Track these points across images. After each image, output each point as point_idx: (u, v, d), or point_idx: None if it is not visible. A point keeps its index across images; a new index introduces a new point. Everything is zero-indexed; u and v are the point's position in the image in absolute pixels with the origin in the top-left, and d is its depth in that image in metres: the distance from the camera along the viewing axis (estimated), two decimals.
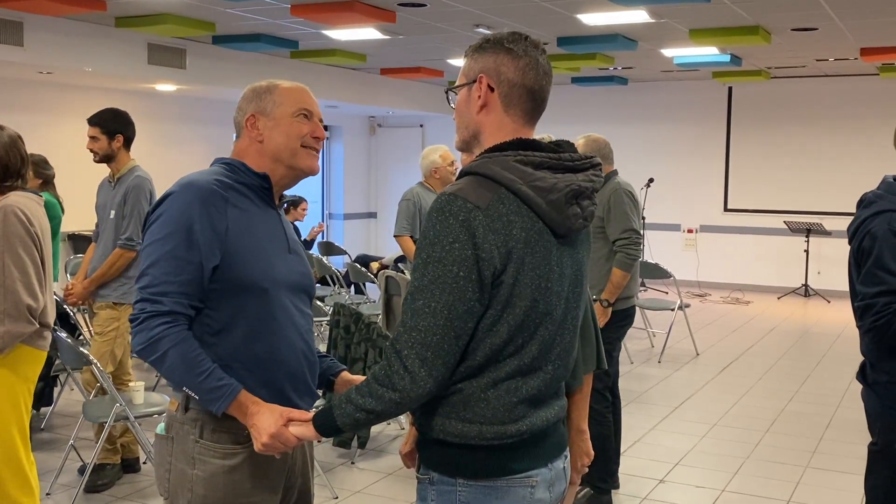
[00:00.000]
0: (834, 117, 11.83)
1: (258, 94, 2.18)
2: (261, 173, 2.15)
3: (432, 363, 1.70)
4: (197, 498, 2.06)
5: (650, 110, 12.91)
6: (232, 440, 2.06)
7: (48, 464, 4.72)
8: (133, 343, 2.02)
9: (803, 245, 11.70)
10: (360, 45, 9.48)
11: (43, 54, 7.78)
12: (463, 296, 1.69)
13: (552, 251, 1.77)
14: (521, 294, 1.73)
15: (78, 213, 7.70)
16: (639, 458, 5.16)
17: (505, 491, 1.79)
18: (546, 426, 1.85)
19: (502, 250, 1.70)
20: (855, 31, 8.36)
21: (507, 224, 1.71)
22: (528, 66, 1.81)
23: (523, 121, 1.84)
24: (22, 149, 3.28)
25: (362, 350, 4.89)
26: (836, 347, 8.44)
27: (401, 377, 1.71)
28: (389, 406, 1.74)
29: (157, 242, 2.02)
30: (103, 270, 4.45)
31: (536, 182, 1.74)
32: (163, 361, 1.98)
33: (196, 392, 1.98)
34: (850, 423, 5.82)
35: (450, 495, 1.80)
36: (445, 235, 1.69)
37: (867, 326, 2.55)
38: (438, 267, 1.69)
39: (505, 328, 1.74)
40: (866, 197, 2.68)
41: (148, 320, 1.98)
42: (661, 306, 8.33)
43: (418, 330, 1.70)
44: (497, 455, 1.78)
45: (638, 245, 4.38)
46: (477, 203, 1.70)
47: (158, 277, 2.00)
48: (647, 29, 8.32)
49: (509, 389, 1.77)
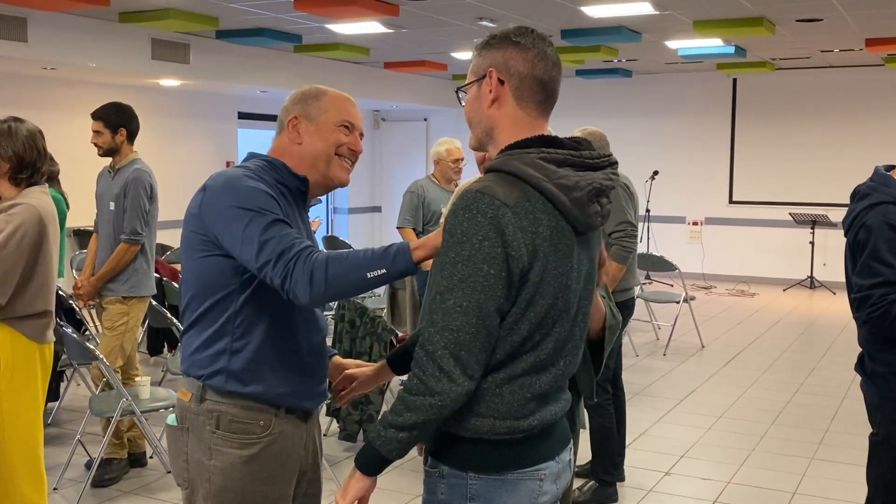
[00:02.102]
0: (839, 108, 11.79)
1: (306, 98, 2.20)
2: (300, 175, 2.16)
3: (467, 362, 1.69)
4: (215, 488, 2.09)
5: (654, 102, 12.88)
6: (248, 430, 2.08)
7: (55, 459, 4.73)
8: (304, 292, 1.91)
9: (808, 237, 11.69)
10: (364, 38, 9.48)
11: (46, 50, 7.79)
12: (493, 294, 1.68)
13: (573, 249, 1.77)
14: (545, 292, 1.73)
15: (83, 208, 7.71)
16: (644, 450, 5.16)
17: (515, 484, 1.79)
18: (554, 420, 1.86)
19: (530, 248, 1.69)
20: (860, 22, 8.33)
21: (534, 222, 1.70)
22: (536, 58, 1.80)
23: (536, 113, 1.83)
24: (40, 143, 3.30)
25: (367, 344, 4.90)
26: (841, 339, 8.43)
27: (437, 379, 1.69)
28: (431, 412, 1.70)
29: (253, 221, 1.98)
30: (111, 266, 4.46)
31: (561, 180, 1.73)
32: (329, 281, 1.89)
33: (380, 267, 1.88)
34: (856, 414, 5.82)
35: (460, 489, 1.80)
36: (475, 233, 1.67)
37: (864, 318, 2.56)
38: (468, 265, 1.68)
39: (526, 326, 1.74)
40: (860, 189, 2.68)
41: (292, 263, 1.92)
42: (667, 299, 8.32)
43: (450, 330, 1.68)
44: (508, 449, 1.79)
45: (633, 237, 4.38)
46: (505, 200, 1.68)
47: (269, 233, 1.96)
48: (651, 21, 8.29)
49: (524, 385, 1.77)
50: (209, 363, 2.08)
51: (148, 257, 4.59)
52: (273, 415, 2.11)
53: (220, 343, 2.07)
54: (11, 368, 3.18)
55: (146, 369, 6.21)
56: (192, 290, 2.11)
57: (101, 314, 4.64)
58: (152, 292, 4.68)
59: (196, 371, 2.11)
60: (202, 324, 2.09)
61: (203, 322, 2.09)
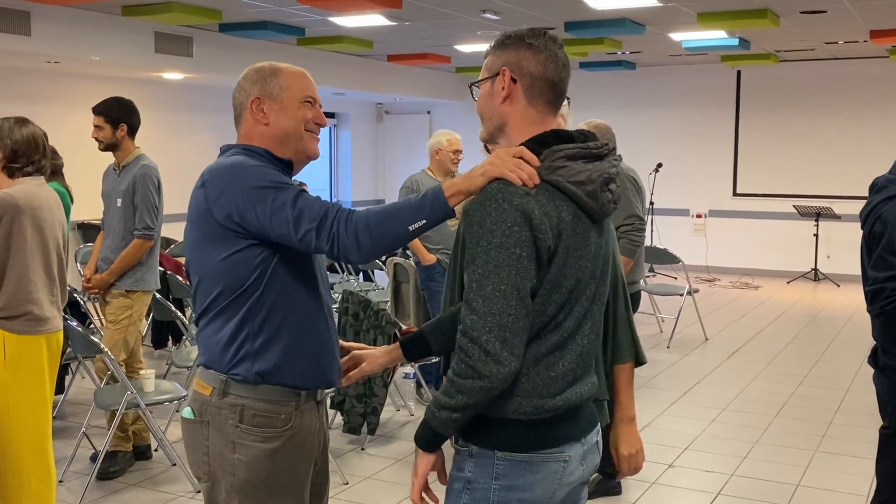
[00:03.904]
0: (843, 100, 11.76)
1: (263, 77, 2.20)
2: (285, 159, 2.19)
3: (512, 342, 1.76)
4: (239, 481, 2.11)
5: (658, 95, 12.85)
6: (270, 424, 2.11)
7: (60, 451, 4.74)
8: (345, 249, 1.97)
9: (813, 229, 11.66)
10: (367, 31, 9.46)
11: (50, 43, 7.79)
12: (528, 275, 1.77)
13: (590, 233, 1.88)
14: (568, 274, 1.83)
15: (87, 202, 7.73)
16: (648, 443, 5.15)
17: (539, 465, 1.86)
18: (580, 401, 1.92)
19: (555, 231, 1.79)
20: (864, 14, 8.30)
21: (556, 207, 1.80)
22: (548, 60, 1.90)
23: (546, 111, 1.93)
24: (41, 141, 3.33)
25: (371, 337, 4.91)
26: (845, 332, 8.42)
27: (484, 363, 1.76)
28: (481, 394, 1.78)
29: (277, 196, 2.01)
30: (125, 262, 4.49)
31: (575, 176, 1.83)
32: (375, 237, 1.95)
33: (420, 218, 1.93)
34: (860, 407, 5.82)
35: (487, 468, 1.86)
36: (503, 220, 1.77)
37: (877, 311, 2.54)
38: (501, 251, 1.76)
39: (553, 307, 1.83)
40: (878, 182, 2.67)
41: (335, 228, 1.97)
42: (670, 291, 8.32)
43: (493, 314, 1.76)
44: (534, 429, 1.85)
45: (641, 231, 4.38)
46: (528, 190, 1.79)
47: (300, 203, 2.00)
48: (655, 13, 8.27)
49: (548, 364, 1.85)
50: (233, 355, 2.10)
51: (154, 252, 4.60)
52: (293, 406, 2.14)
53: (243, 334, 2.09)
54: (17, 361, 3.19)
55: (150, 362, 6.22)
56: (217, 287, 2.10)
57: (105, 308, 4.66)
58: (156, 287, 4.69)
59: (218, 364, 2.12)
60: (223, 317, 2.11)
61: (226, 314, 2.10)
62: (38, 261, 3.24)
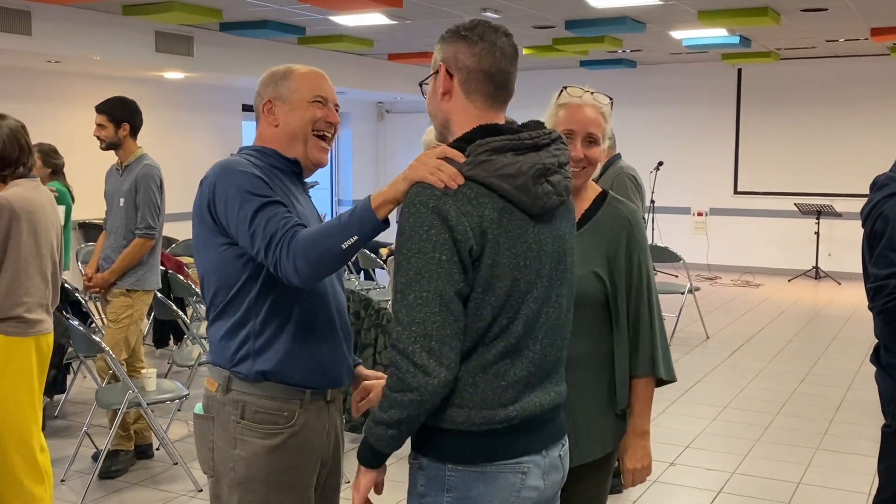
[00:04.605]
0: (844, 98, 11.75)
1: (275, 80, 2.22)
2: (292, 158, 2.20)
3: (439, 352, 1.70)
4: (239, 477, 2.12)
5: (659, 93, 12.85)
6: (272, 420, 2.11)
7: (62, 451, 4.76)
8: (289, 269, 1.95)
9: (814, 227, 11.66)
10: (368, 30, 9.46)
11: (51, 43, 7.79)
12: (450, 278, 1.70)
13: (528, 229, 1.78)
14: (501, 274, 1.74)
15: (88, 201, 7.74)
16: None
17: (494, 477, 1.78)
18: (539, 412, 1.83)
19: (476, 231, 1.71)
20: (865, 11, 8.30)
21: (478, 206, 1.72)
22: (483, 51, 1.81)
23: (486, 105, 1.84)
24: (23, 138, 3.30)
25: (372, 336, 4.91)
26: (846, 329, 8.42)
27: (413, 375, 1.70)
28: (412, 408, 1.72)
29: (243, 206, 2.02)
30: (127, 261, 4.49)
31: (500, 171, 1.74)
32: (311, 261, 1.91)
33: (350, 235, 1.89)
34: (861, 404, 5.82)
35: (438, 480, 1.80)
36: (420, 225, 1.70)
37: (879, 308, 2.54)
38: (421, 257, 1.70)
39: (488, 310, 1.74)
40: (879, 179, 2.67)
41: (278, 250, 1.96)
42: (671, 290, 8.32)
43: (417, 323, 1.70)
44: (486, 440, 1.77)
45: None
46: (446, 191, 1.71)
47: (258, 219, 2.00)
48: (655, 11, 8.27)
49: (498, 373, 1.77)
50: (235, 351, 2.11)
51: (155, 251, 4.61)
52: (298, 404, 2.14)
53: (245, 330, 2.10)
54: (5, 362, 3.19)
55: (152, 362, 6.23)
56: (213, 285, 2.14)
57: (106, 307, 4.66)
58: (157, 286, 4.70)
59: (222, 360, 2.14)
60: (226, 314, 2.13)
61: (227, 313, 2.13)
62: (33, 264, 3.23)
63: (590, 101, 2.30)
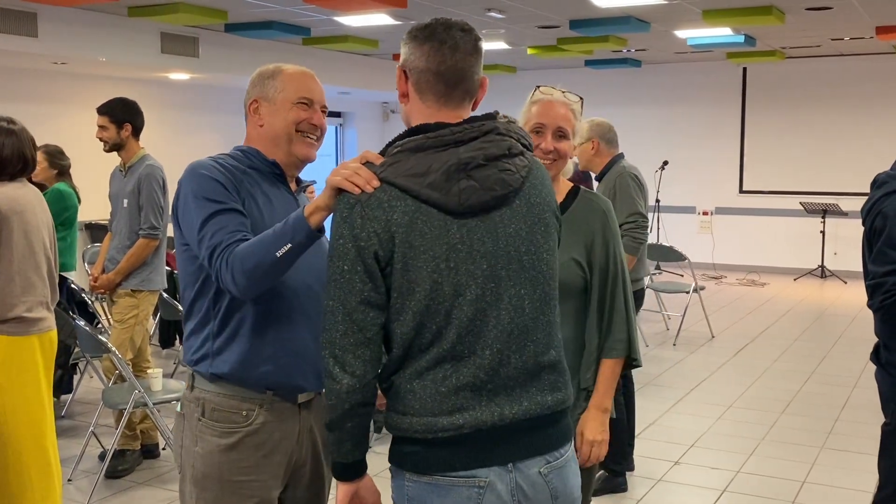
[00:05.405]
0: (850, 97, 11.73)
1: (263, 79, 2.21)
2: (271, 160, 2.19)
3: (343, 359, 1.72)
4: (197, 473, 2.12)
5: (664, 92, 12.84)
6: (229, 419, 2.11)
7: (69, 450, 4.78)
8: (231, 283, 1.96)
9: (819, 226, 11.64)
10: (372, 30, 9.48)
11: (57, 45, 7.82)
12: (352, 288, 1.71)
13: (450, 230, 1.71)
14: (418, 279, 1.70)
15: (94, 202, 7.75)
16: (654, 440, 5.17)
17: (447, 489, 1.72)
18: (501, 422, 1.74)
19: (384, 236, 1.69)
20: (870, 10, 8.29)
21: (387, 210, 1.70)
22: (431, 50, 1.78)
23: (438, 104, 1.80)
24: (28, 153, 3.33)
25: None
26: (852, 329, 8.41)
27: (327, 380, 1.74)
28: (332, 413, 1.75)
29: (197, 211, 2.04)
30: (131, 261, 4.51)
31: (409, 171, 1.71)
32: (247, 273, 1.93)
33: (284, 243, 1.89)
34: (867, 403, 5.81)
35: (400, 489, 1.79)
36: (334, 234, 1.74)
37: (877, 305, 2.55)
38: (331, 266, 1.73)
39: (410, 315, 1.71)
40: (879, 177, 2.68)
41: (218, 262, 1.98)
42: (677, 289, 8.31)
43: (326, 330, 1.74)
44: (435, 450, 1.73)
45: (644, 228, 4.38)
46: (359, 198, 1.72)
47: (206, 228, 2.02)
48: (659, 10, 8.27)
49: (436, 379, 1.72)
50: (196, 350, 2.13)
51: (160, 251, 4.63)
52: (258, 403, 2.11)
53: (206, 329, 2.12)
54: (9, 363, 3.21)
55: (158, 361, 6.25)
56: (182, 284, 2.18)
57: (112, 307, 4.68)
58: (162, 286, 4.72)
59: (188, 358, 2.17)
60: (192, 314, 2.15)
61: (192, 313, 2.15)
62: (27, 263, 3.24)
63: (560, 98, 2.43)
